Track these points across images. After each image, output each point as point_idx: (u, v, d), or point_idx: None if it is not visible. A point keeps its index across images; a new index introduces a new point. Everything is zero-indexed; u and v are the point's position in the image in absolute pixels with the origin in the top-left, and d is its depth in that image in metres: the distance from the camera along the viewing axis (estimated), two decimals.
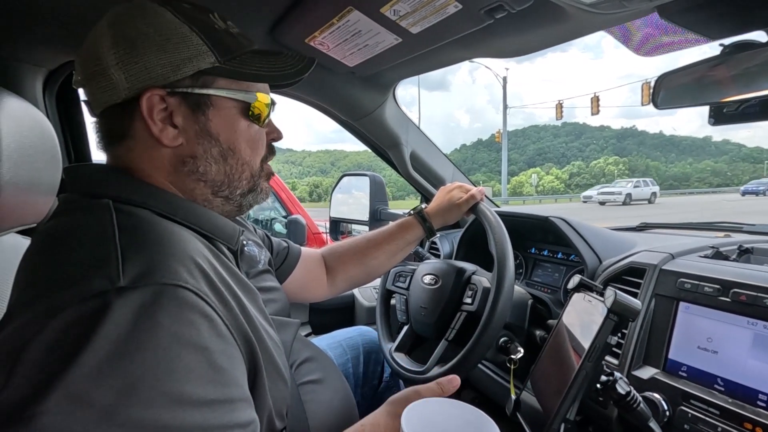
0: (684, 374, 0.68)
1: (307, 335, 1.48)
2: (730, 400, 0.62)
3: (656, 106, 0.83)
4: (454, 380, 0.66)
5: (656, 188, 27.91)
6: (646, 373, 0.72)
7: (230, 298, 0.48)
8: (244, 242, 0.68)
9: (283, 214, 3.92)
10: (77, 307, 0.38)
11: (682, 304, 0.73)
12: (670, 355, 0.71)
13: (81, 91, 0.55)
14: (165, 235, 0.47)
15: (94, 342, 0.36)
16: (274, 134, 0.64)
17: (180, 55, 0.51)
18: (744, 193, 28.56)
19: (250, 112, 0.57)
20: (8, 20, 0.84)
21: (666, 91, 0.80)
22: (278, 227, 3.86)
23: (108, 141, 0.55)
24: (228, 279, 0.51)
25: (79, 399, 0.35)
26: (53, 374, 0.35)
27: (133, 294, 0.39)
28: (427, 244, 1.40)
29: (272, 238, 0.90)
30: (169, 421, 0.38)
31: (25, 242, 0.69)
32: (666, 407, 0.66)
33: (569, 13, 0.77)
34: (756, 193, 27.44)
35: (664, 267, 0.79)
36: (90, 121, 0.56)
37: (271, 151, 0.64)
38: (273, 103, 0.62)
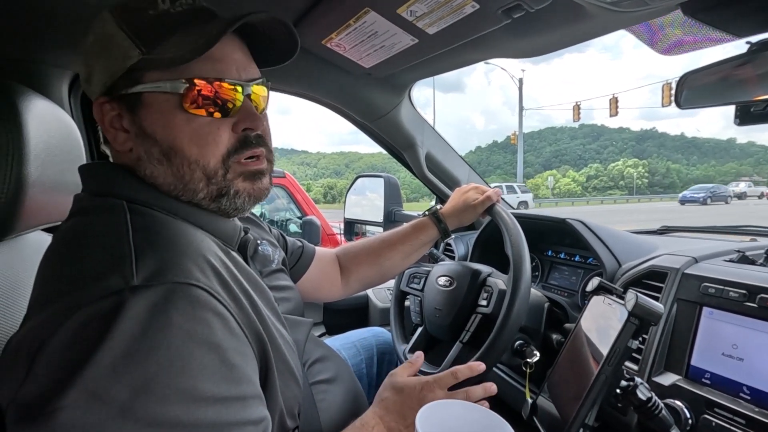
0: (707, 381, 0.66)
1: (321, 335, 1.49)
2: (756, 409, 0.60)
3: (679, 105, 0.80)
4: (476, 367, 0.67)
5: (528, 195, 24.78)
6: (668, 379, 0.70)
7: (242, 297, 0.49)
8: (258, 241, 0.69)
9: (298, 215, 3.95)
10: (93, 306, 0.39)
11: (705, 310, 0.71)
12: (693, 362, 0.69)
13: None
14: (177, 235, 0.48)
15: (110, 340, 0.37)
16: (245, 123, 0.53)
17: (111, 57, 0.50)
18: (683, 202, 26.77)
19: (187, 103, 0.50)
20: (37, 25, 0.87)
21: (689, 91, 0.78)
22: (293, 228, 3.89)
23: (105, 146, 0.57)
24: (240, 277, 0.51)
25: (96, 396, 0.36)
26: (71, 371, 0.36)
27: (147, 292, 0.40)
28: (442, 245, 1.39)
29: (287, 237, 0.91)
30: (184, 417, 0.39)
31: (50, 240, 0.71)
32: (689, 415, 0.64)
33: (589, 12, 0.76)
34: (694, 201, 25.90)
35: (686, 271, 0.77)
36: None
37: (245, 145, 0.53)
38: (245, 85, 0.53)
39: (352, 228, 1.76)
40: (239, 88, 0.52)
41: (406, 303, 1.10)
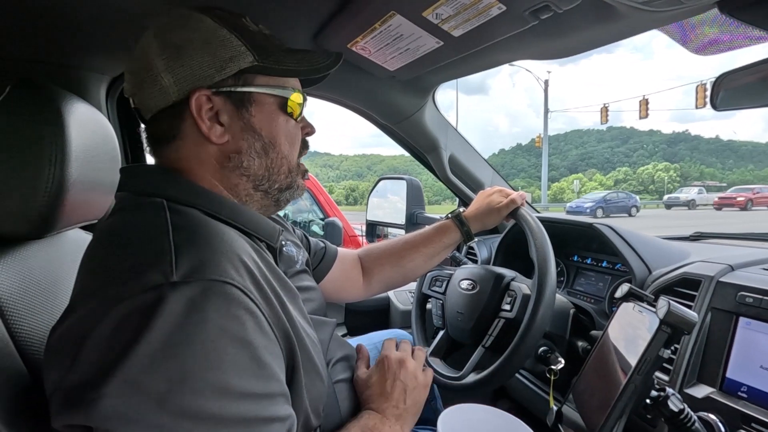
0: (744, 395, 0.64)
1: (343, 336, 1.50)
2: None
3: (714, 107, 0.78)
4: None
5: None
6: (701, 391, 0.68)
7: (272, 296, 0.50)
8: (283, 242, 0.70)
9: (321, 216, 3.99)
10: (135, 299, 0.41)
11: (742, 320, 0.68)
12: (728, 374, 0.66)
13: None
14: (214, 234, 0.49)
15: (149, 333, 0.39)
16: (308, 129, 0.66)
17: (222, 56, 0.54)
18: (569, 212, 20.86)
19: (288, 108, 0.60)
20: (77, 32, 0.91)
21: (726, 92, 0.76)
22: (315, 229, 3.94)
23: (158, 144, 0.58)
24: (270, 277, 0.52)
25: (135, 386, 0.38)
26: (112, 362, 0.38)
27: (185, 288, 0.41)
28: (465, 248, 1.38)
29: (310, 238, 0.92)
30: (215, 411, 0.40)
31: (87, 237, 0.74)
32: (723, 429, 0.62)
33: (620, 12, 0.74)
34: (581, 213, 20.43)
35: (721, 279, 0.74)
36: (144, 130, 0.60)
37: (305, 146, 0.66)
38: (305, 99, 0.64)
39: (374, 230, 1.76)
40: (303, 101, 0.63)
41: (428, 306, 1.10)
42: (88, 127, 0.64)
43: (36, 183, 0.56)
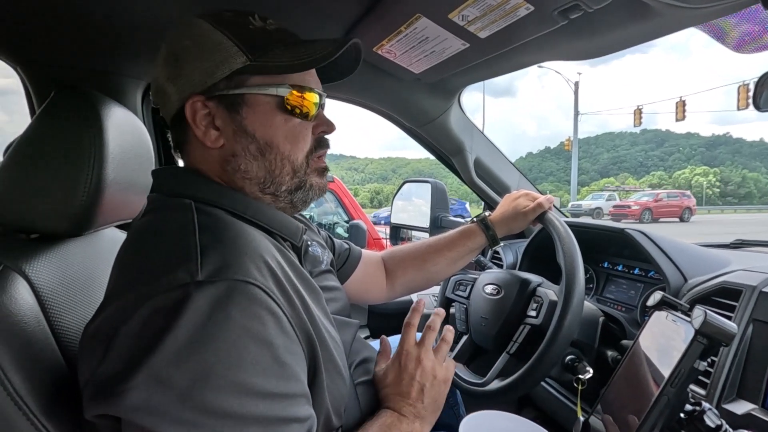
0: None
1: (365, 338, 1.50)
2: None
3: (758, 108, 0.74)
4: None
5: None
6: (741, 407, 0.64)
7: (294, 297, 0.51)
8: (309, 242, 0.71)
9: (345, 218, 4.02)
10: (162, 297, 0.42)
11: None
12: None
13: None
14: (238, 234, 0.50)
15: (176, 329, 0.40)
16: (323, 127, 0.62)
17: (214, 60, 0.54)
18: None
19: (287, 106, 0.57)
20: (115, 40, 0.96)
21: None
22: (340, 231, 3.97)
23: (176, 148, 0.61)
24: (293, 278, 0.53)
25: (161, 380, 0.39)
26: (140, 356, 0.40)
27: (210, 287, 0.43)
28: (490, 253, 1.36)
29: (335, 239, 0.92)
30: (236, 408, 0.41)
31: (123, 236, 0.77)
32: None
33: (655, 10, 0.71)
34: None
35: (765, 289, 0.70)
36: None
37: (320, 145, 0.62)
38: (321, 95, 0.61)
39: (398, 233, 1.76)
40: (318, 98, 0.60)
41: (451, 310, 1.09)
42: (125, 130, 0.67)
43: (76, 183, 0.59)
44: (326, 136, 0.63)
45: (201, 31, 0.55)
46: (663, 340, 0.60)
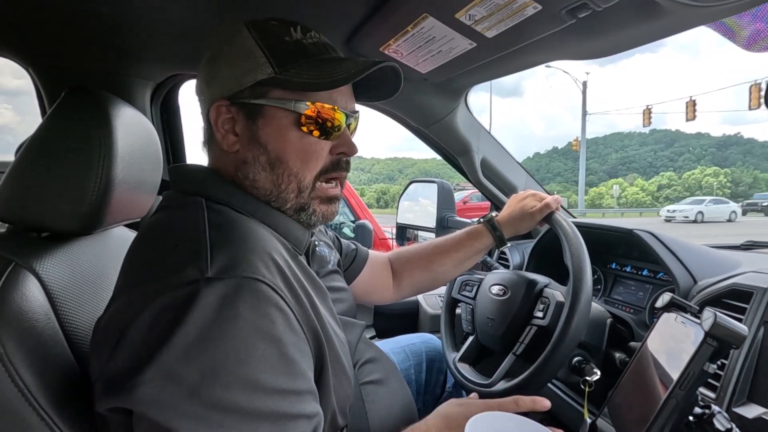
0: None
1: (371, 338, 1.50)
2: None
3: None
4: (540, 402, 0.64)
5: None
6: (751, 411, 0.63)
7: (302, 295, 0.51)
8: (316, 243, 0.71)
9: (352, 218, 4.03)
10: (172, 293, 0.43)
11: None
12: None
13: (180, 101, 0.63)
14: (247, 233, 0.51)
15: (185, 326, 0.41)
16: (343, 148, 0.60)
17: (243, 67, 0.55)
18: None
19: (304, 123, 0.56)
20: (126, 42, 0.97)
21: None
22: (346, 231, 3.98)
23: (205, 146, 0.62)
24: (301, 276, 0.53)
25: (171, 376, 0.40)
26: (150, 352, 0.40)
27: (219, 284, 0.43)
28: (496, 253, 1.35)
29: (342, 240, 0.93)
30: (245, 404, 0.41)
31: (131, 235, 0.78)
32: None
33: (664, 8, 0.70)
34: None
35: None
36: (186, 129, 0.64)
37: (336, 167, 0.60)
38: (349, 115, 0.60)
39: (404, 233, 1.76)
40: (344, 117, 0.59)
41: (458, 311, 1.08)
42: (134, 130, 0.68)
43: (86, 182, 0.60)
44: (345, 159, 0.62)
45: (240, 38, 0.56)
46: (672, 343, 0.59)
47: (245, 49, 0.55)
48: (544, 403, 0.67)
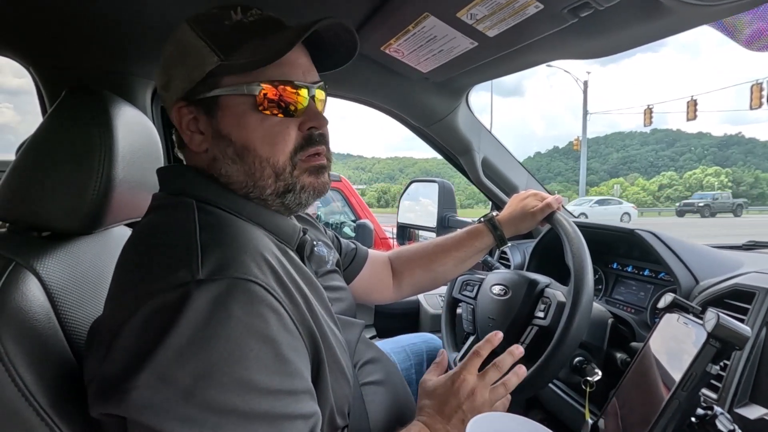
0: None
1: (372, 338, 1.50)
2: None
3: None
4: (492, 337, 0.67)
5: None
6: (753, 412, 0.63)
7: (296, 294, 0.50)
8: (314, 242, 0.71)
9: (352, 218, 4.03)
10: (163, 296, 0.42)
11: None
12: None
13: None
14: (239, 233, 0.50)
15: (177, 328, 0.40)
16: (312, 122, 0.57)
17: (190, 63, 0.54)
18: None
19: (261, 105, 0.53)
20: (126, 41, 0.97)
21: None
22: (347, 231, 3.97)
23: (180, 150, 0.62)
24: (295, 275, 0.53)
25: (164, 378, 0.40)
26: (142, 355, 0.40)
27: (211, 286, 0.43)
28: (497, 253, 1.35)
29: (341, 239, 0.92)
30: (240, 406, 0.41)
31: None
32: None
33: (666, 7, 0.70)
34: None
35: None
36: None
37: (309, 142, 0.57)
38: (310, 87, 0.56)
39: (405, 233, 1.76)
40: (305, 91, 0.56)
41: (458, 310, 1.08)
42: (135, 130, 0.68)
43: (86, 182, 0.60)
44: (318, 132, 0.58)
45: (182, 35, 0.55)
46: (674, 343, 0.59)
47: (189, 45, 0.54)
48: (497, 336, 0.70)
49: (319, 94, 0.60)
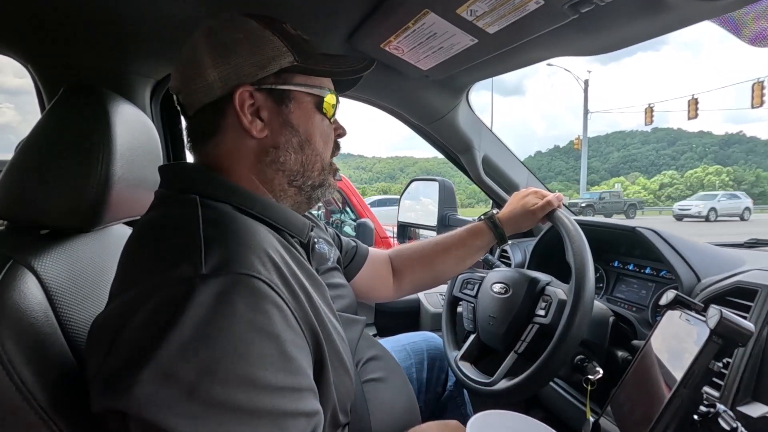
0: None
1: (372, 336, 1.50)
2: None
3: None
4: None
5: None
6: (756, 410, 0.62)
7: (299, 291, 0.50)
8: (315, 240, 0.71)
9: (353, 217, 4.03)
10: (166, 291, 0.42)
11: None
12: None
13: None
14: (242, 229, 0.50)
15: (180, 324, 0.40)
16: (340, 130, 0.68)
17: (265, 55, 0.56)
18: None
19: (323, 108, 0.62)
20: (125, 38, 0.96)
21: None
22: (348, 230, 3.97)
23: (199, 139, 0.60)
24: (298, 272, 0.53)
25: (167, 375, 0.39)
26: (146, 351, 0.40)
27: (214, 282, 0.42)
28: (498, 251, 1.35)
29: (342, 237, 0.92)
30: (244, 402, 0.41)
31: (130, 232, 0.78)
32: None
33: (668, 3, 0.69)
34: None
35: None
36: (186, 126, 0.63)
37: (336, 147, 0.68)
38: (338, 101, 0.66)
39: (405, 232, 1.75)
40: (337, 103, 0.66)
41: (459, 309, 1.08)
42: (133, 128, 0.67)
43: (85, 179, 0.59)
44: (339, 139, 0.69)
45: (251, 27, 0.57)
46: (675, 341, 0.58)
47: (264, 38, 0.57)
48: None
49: None
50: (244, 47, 0.56)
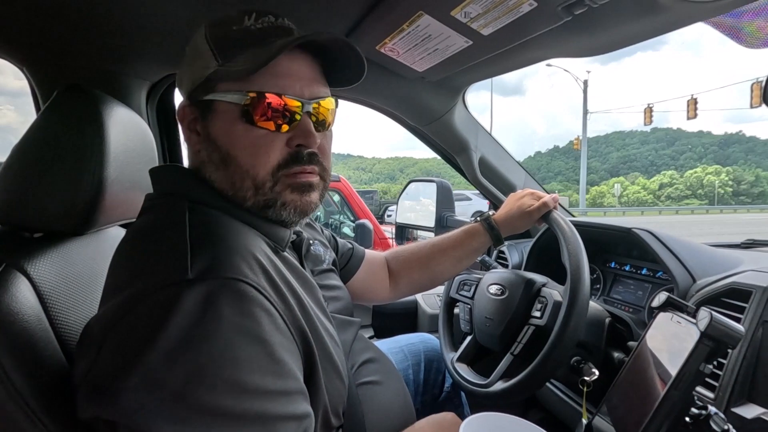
0: None
1: (369, 338, 1.50)
2: None
3: None
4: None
5: None
6: (750, 411, 0.62)
7: (288, 294, 0.50)
8: (311, 241, 0.71)
9: (352, 218, 4.03)
10: (153, 296, 0.42)
11: None
12: None
13: (176, 101, 0.63)
14: (229, 233, 0.50)
15: (167, 329, 0.40)
16: (298, 140, 0.54)
17: (196, 65, 0.55)
18: None
19: (247, 115, 0.52)
20: (121, 40, 0.96)
21: None
22: (346, 231, 3.97)
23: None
24: (287, 274, 0.53)
25: (154, 380, 0.39)
26: (132, 356, 0.40)
27: (201, 286, 0.42)
28: (494, 252, 1.35)
29: (338, 239, 0.92)
30: (232, 407, 0.40)
31: None
32: None
33: (662, 4, 0.70)
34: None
35: None
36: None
37: (296, 160, 0.54)
38: (305, 102, 0.54)
39: (403, 233, 1.75)
40: (298, 105, 0.53)
41: (456, 310, 1.08)
42: (127, 130, 0.67)
43: (78, 182, 0.59)
44: (307, 150, 0.54)
45: (197, 37, 0.56)
46: (668, 342, 0.58)
47: (198, 47, 0.55)
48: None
49: (327, 104, 0.57)
50: (187, 59, 0.57)
